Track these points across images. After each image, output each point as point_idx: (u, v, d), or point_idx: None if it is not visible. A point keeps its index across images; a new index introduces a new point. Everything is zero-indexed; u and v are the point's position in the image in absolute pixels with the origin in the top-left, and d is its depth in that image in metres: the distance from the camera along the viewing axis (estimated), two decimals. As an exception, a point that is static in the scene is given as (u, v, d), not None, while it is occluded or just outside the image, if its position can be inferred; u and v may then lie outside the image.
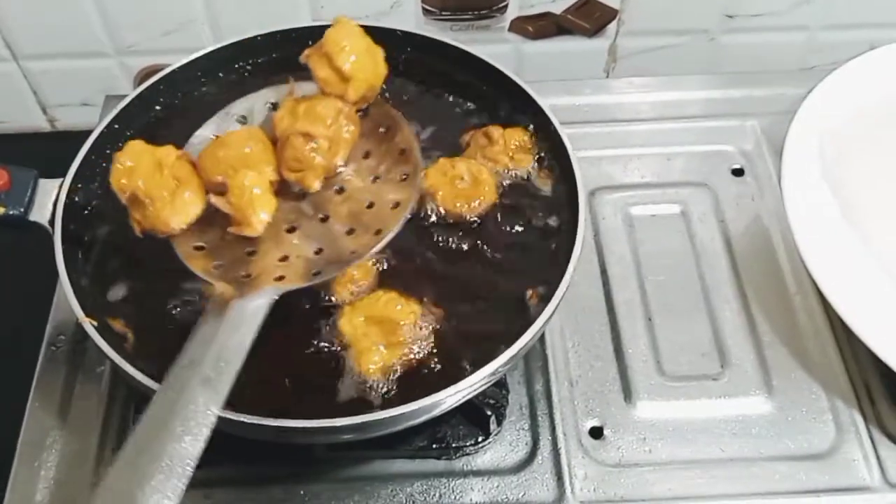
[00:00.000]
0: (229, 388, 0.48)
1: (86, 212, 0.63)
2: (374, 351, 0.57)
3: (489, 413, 0.64)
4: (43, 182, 0.62)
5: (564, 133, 0.65)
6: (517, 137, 0.66)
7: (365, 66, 0.58)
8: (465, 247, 0.62)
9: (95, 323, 0.56)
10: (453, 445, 0.64)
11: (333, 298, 0.59)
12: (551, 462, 0.64)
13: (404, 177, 0.58)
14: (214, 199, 0.55)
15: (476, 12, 0.89)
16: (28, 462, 0.64)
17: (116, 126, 0.66)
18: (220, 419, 0.52)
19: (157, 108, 0.69)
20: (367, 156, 0.59)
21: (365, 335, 0.57)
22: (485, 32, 0.91)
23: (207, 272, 0.55)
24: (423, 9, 0.88)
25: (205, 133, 0.61)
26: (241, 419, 0.52)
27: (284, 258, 0.55)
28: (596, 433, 0.66)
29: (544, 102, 0.67)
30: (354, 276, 0.59)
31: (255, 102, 0.62)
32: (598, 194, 0.79)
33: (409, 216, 0.56)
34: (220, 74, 0.71)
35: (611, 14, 0.90)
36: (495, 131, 0.66)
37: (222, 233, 0.56)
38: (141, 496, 0.43)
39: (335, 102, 0.57)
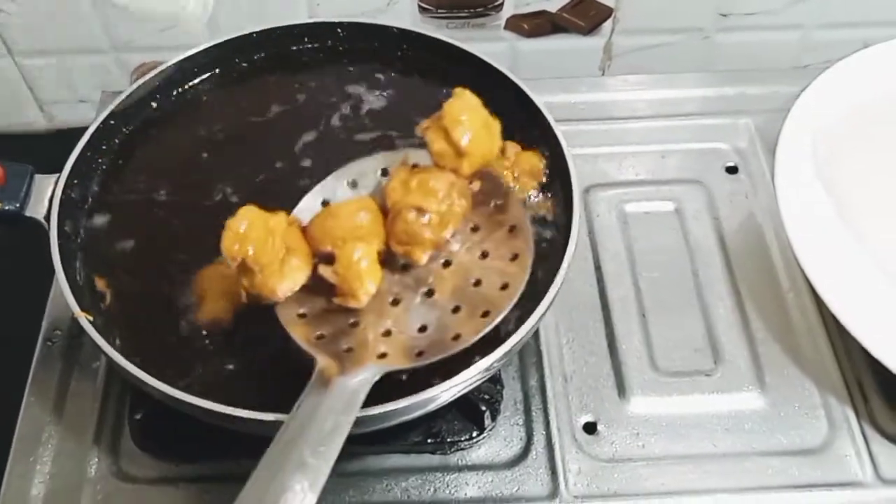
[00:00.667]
0: (328, 474, 0.47)
1: (82, 207, 0.63)
2: None
3: (484, 408, 0.64)
4: (39, 178, 0.62)
5: (559, 130, 0.65)
6: (531, 163, 0.64)
7: (482, 141, 0.57)
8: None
9: (91, 318, 0.56)
10: (448, 440, 0.64)
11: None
12: (545, 457, 0.65)
13: (514, 256, 0.55)
14: (322, 270, 0.54)
15: (472, 10, 0.89)
16: (23, 457, 0.64)
17: (112, 122, 0.66)
18: (216, 414, 0.53)
19: (154, 104, 0.69)
20: (475, 229, 0.57)
21: None
22: (480, 30, 0.91)
23: (309, 342, 0.53)
24: (419, 6, 0.89)
25: (314, 201, 0.59)
26: (236, 414, 0.52)
27: (387, 333, 0.53)
28: (590, 428, 0.66)
29: (539, 99, 0.67)
30: None
31: (367, 167, 0.60)
32: (593, 191, 0.79)
33: (516, 300, 0.53)
34: (217, 71, 0.71)
35: (606, 12, 0.90)
36: (511, 149, 0.64)
37: (326, 303, 0.54)
38: None
39: (449, 177, 0.56)
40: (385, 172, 0.59)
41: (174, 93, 0.70)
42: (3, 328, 0.74)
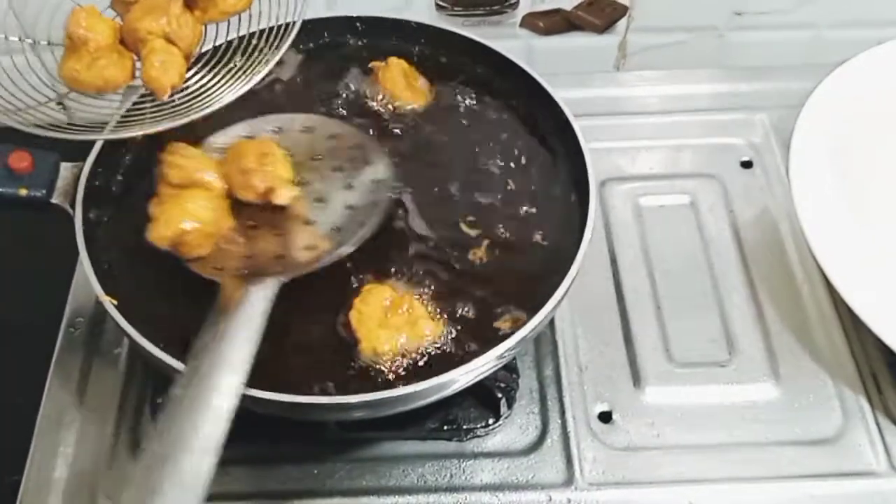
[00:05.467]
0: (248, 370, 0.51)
1: (106, 194, 0.64)
2: (385, 337, 0.58)
3: (500, 396, 0.65)
4: (65, 165, 0.63)
5: (577, 125, 0.66)
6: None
7: None
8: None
9: (115, 301, 0.57)
10: (464, 427, 0.65)
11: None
12: (561, 445, 0.65)
13: (375, 182, 0.63)
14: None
15: (488, 8, 0.90)
16: (47, 440, 0.65)
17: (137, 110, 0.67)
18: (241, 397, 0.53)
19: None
20: (338, 169, 0.64)
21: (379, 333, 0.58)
22: (496, 28, 0.92)
23: (214, 273, 0.59)
24: (436, 4, 0.89)
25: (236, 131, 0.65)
26: (257, 395, 0.53)
27: (280, 256, 0.60)
28: (605, 417, 0.67)
29: (557, 94, 0.68)
30: None
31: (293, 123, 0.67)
32: (608, 185, 0.80)
33: (384, 212, 0.61)
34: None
35: (621, 10, 0.91)
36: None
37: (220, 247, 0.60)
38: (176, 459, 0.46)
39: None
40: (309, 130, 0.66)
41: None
42: (27, 314, 0.75)
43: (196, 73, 0.61)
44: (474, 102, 0.71)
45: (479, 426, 0.65)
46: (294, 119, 0.67)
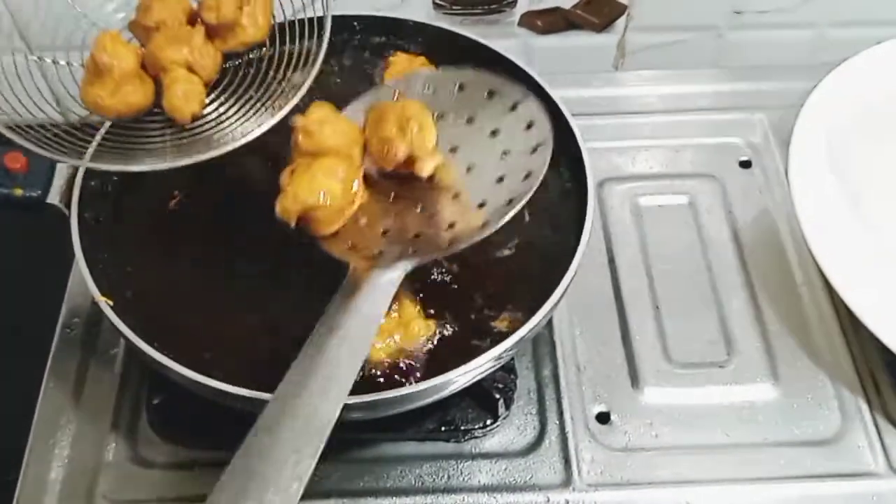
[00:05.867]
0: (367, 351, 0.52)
1: (102, 195, 0.64)
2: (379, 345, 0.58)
3: (498, 397, 0.65)
4: (60, 165, 0.63)
5: (575, 124, 0.66)
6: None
7: None
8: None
9: (111, 302, 0.57)
10: (462, 428, 0.65)
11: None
12: (559, 446, 0.65)
13: (534, 148, 0.58)
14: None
15: (486, 7, 0.90)
16: (42, 441, 0.65)
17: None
18: (228, 395, 0.53)
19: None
20: (494, 133, 0.59)
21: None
22: (494, 27, 0.92)
23: (341, 252, 0.57)
24: (434, 3, 0.89)
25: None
26: (251, 395, 0.53)
27: (417, 235, 0.57)
28: (603, 418, 0.66)
29: (555, 94, 0.68)
30: None
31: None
32: (607, 184, 0.80)
33: (538, 185, 0.56)
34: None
35: (620, 9, 0.91)
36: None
37: (354, 222, 0.58)
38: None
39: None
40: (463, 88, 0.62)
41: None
42: (23, 314, 0.74)
43: (215, 99, 0.60)
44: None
45: (476, 427, 0.65)
46: (447, 75, 0.63)
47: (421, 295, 0.60)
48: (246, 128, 0.58)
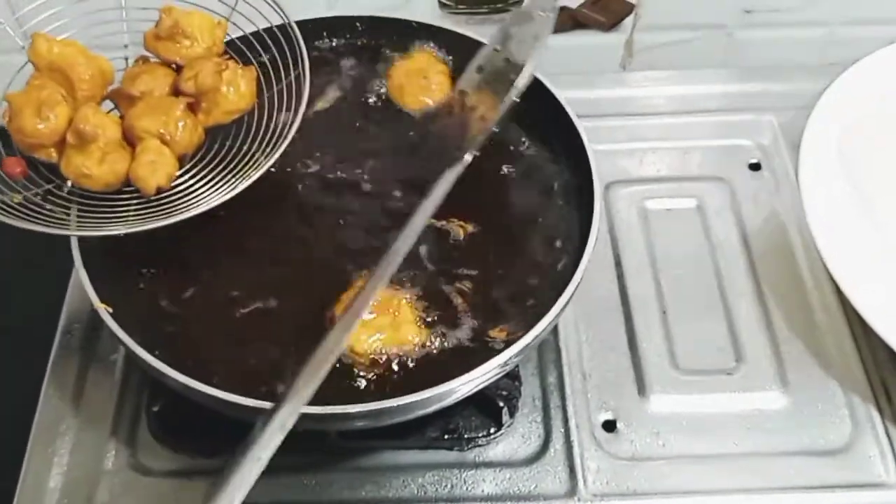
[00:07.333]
0: None
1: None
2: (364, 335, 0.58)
3: (502, 405, 0.64)
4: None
5: (581, 126, 0.65)
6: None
7: None
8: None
9: (111, 309, 0.57)
10: (465, 437, 0.64)
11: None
12: (564, 455, 0.64)
13: None
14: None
15: (492, 6, 0.89)
16: (42, 448, 0.64)
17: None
18: (227, 403, 0.52)
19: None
20: None
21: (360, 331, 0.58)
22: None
23: None
24: (439, 2, 0.88)
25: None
26: (250, 404, 0.52)
27: None
28: (609, 426, 0.66)
29: (561, 95, 0.67)
30: None
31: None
32: (614, 188, 0.79)
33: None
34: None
35: (627, 8, 0.90)
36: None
37: None
38: None
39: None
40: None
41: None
42: (23, 320, 0.74)
43: (186, 172, 0.61)
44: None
45: (480, 435, 0.64)
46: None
47: (424, 298, 0.60)
48: (210, 199, 0.59)
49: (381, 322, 0.58)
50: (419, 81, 0.70)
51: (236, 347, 0.58)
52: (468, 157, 0.58)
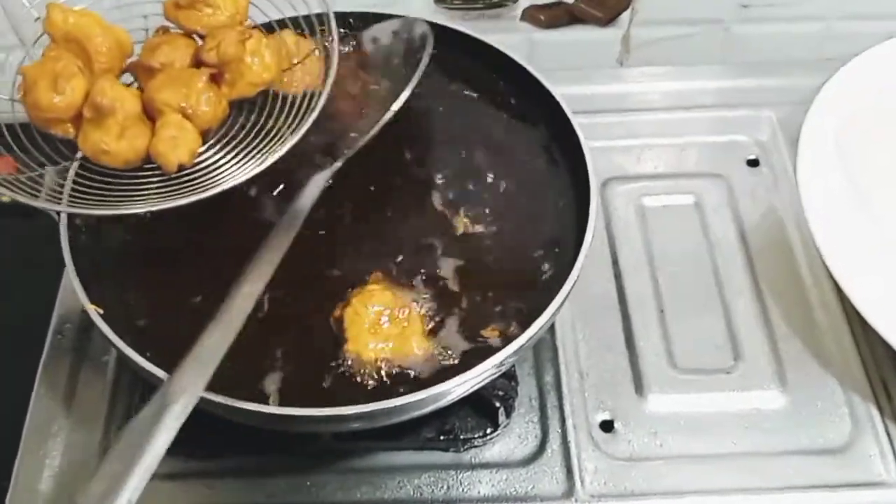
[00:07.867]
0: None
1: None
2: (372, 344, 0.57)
3: (498, 405, 0.63)
4: (50, 170, 0.61)
5: (577, 123, 0.65)
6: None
7: None
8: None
9: (101, 310, 0.56)
10: (461, 437, 0.63)
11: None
12: (561, 455, 0.63)
13: None
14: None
15: (488, 1, 0.88)
16: (33, 450, 0.64)
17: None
18: (223, 406, 0.52)
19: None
20: None
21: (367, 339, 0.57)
22: (496, 21, 0.90)
23: None
24: (434, -2, 0.88)
25: None
26: (242, 406, 0.52)
27: None
28: (606, 426, 0.65)
29: (557, 91, 0.66)
30: None
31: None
32: (610, 185, 0.78)
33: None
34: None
35: (624, 3, 0.89)
36: None
37: None
38: None
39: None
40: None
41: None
42: (14, 320, 0.73)
43: (210, 147, 0.59)
44: (472, 99, 0.70)
45: (476, 436, 0.63)
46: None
47: (425, 297, 0.59)
48: (233, 176, 0.56)
49: (389, 332, 0.57)
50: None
51: (228, 349, 0.57)
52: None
